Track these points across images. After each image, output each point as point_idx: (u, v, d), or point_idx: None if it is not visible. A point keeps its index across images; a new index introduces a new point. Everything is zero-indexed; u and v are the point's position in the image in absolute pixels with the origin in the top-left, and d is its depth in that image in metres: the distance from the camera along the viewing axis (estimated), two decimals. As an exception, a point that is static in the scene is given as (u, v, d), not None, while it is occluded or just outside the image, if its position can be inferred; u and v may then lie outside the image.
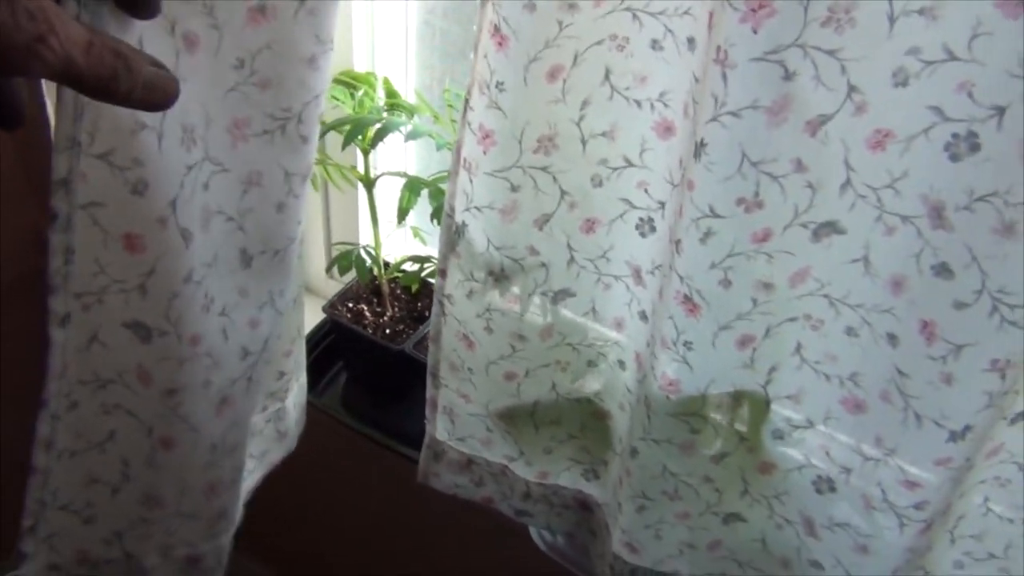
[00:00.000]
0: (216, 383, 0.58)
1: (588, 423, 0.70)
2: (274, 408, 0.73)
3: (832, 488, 0.59)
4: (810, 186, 0.48)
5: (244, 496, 0.73)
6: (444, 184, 0.64)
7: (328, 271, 1.04)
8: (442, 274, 0.64)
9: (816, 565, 0.63)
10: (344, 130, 0.75)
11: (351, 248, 0.84)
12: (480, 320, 0.65)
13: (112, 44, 0.36)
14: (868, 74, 0.44)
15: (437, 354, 0.69)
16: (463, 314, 0.65)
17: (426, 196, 0.77)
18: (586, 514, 0.76)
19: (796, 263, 0.51)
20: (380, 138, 0.76)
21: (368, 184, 0.81)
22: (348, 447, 0.92)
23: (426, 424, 0.74)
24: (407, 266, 0.87)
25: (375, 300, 0.89)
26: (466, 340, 0.66)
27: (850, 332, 0.53)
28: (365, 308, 0.88)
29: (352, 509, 1.11)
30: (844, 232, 0.50)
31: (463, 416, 0.72)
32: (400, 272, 0.88)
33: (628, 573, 0.70)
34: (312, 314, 0.91)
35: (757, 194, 0.48)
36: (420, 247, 0.93)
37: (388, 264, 0.88)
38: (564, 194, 0.58)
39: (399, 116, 0.77)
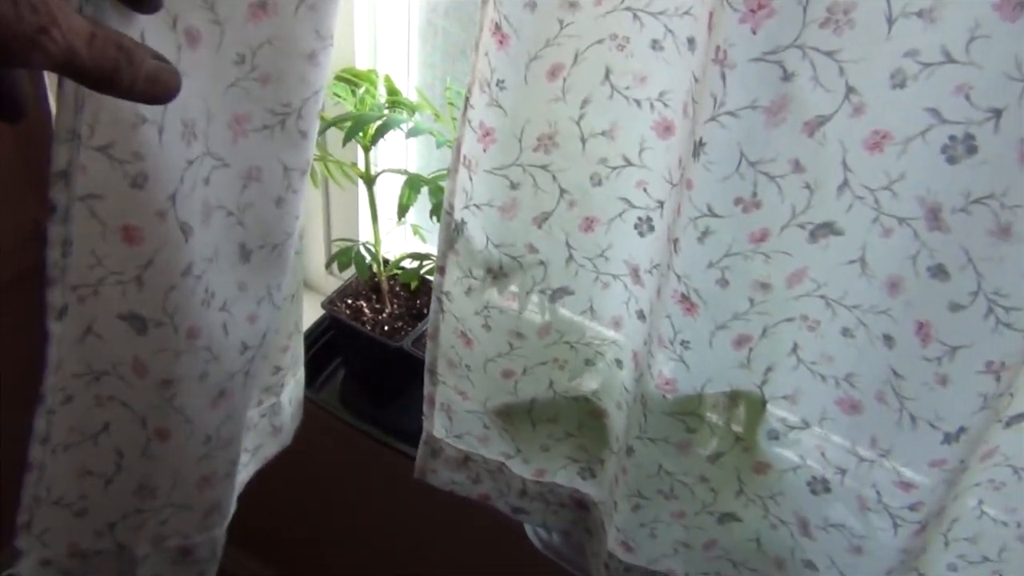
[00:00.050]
0: (214, 376, 0.58)
1: (585, 421, 0.71)
2: (269, 403, 0.74)
3: (827, 489, 0.59)
4: (808, 187, 0.48)
5: (238, 489, 0.73)
6: (444, 182, 0.64)
7: (328, 267, 1.04)
8: (441, 271, 0.64)
9: (810, 566, 0.63)
10: (345, 126, 0.75)
11: (351, 244, 0.84)
12: (478, 317, 0.65)
13: (114, 36, 0.36)
14: (866, 75, 0.44)
15: (435, 351, 0.69)
16: (461, 311, 0.65)
17: (426, 193, 0.77)
18: (582, 513, 0.77)
19: (793, 263, 0.52)
20: (381, 135, 0.77)
21: (368, 181, 0.82)
22: (346, 443, 0.93)
23: (423, 421, 0.74)
24: (406, 263, 0.87)
25: (374, 297, 0.90)
26: (464, 337, 0.67)
27: (846, 333, 0.53)
28: (364, 305, 0.89)
29: (349, 505, 1.12)
30: (841, 233, 0.50)
31: (460, 413, 0.72)
32: (399, 269, 0.88)
33: (623, 571, 0.70)
34: (311, 310, 0.91)
35: (755, 194, 0.49)
36: (420, 244, 0.93)
37: (388, 261, 0.88)
38: (563, 192, 0.59)
39: (400, 113, 0.77)
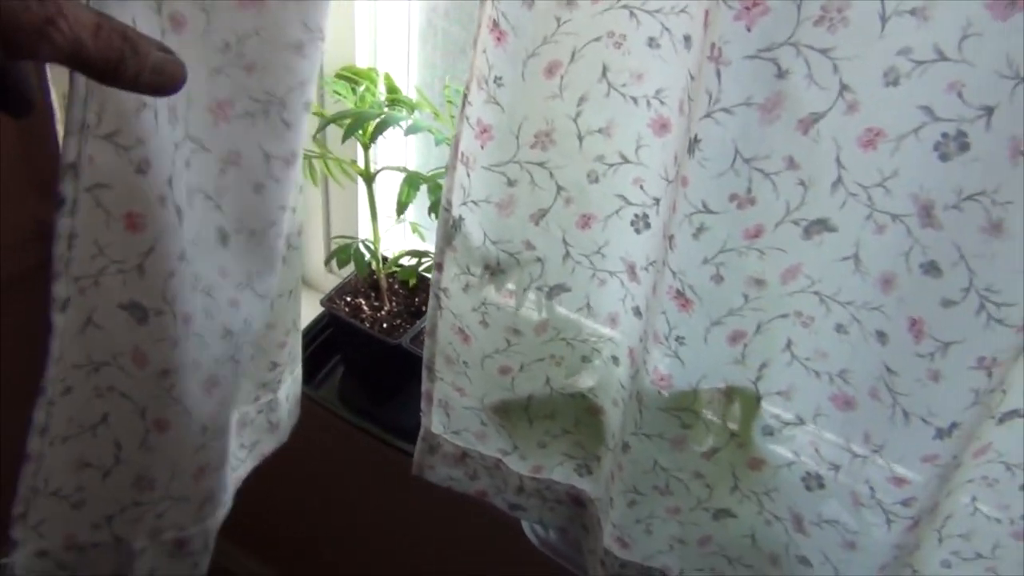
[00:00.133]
0: (204, 363, 0.58)
1: (582, 418, 0.71)
2: (266, 399, 0.74)
3: (821, 485, 0.60)
4: (802, 183, 0.49)
5: (235, 486, 0.73)
6: (443, 179, 0.65)
7: (327, 264, 1.04)
8: (438, 268, 0.64)
9: (804, 561, 0.64)
10: (345, 124, 0.75)
11: (350, 242, 0.85)
12: (476, 314, 0.65)
13: (120, 28, 0.36)
14: (860, 73, 0.44)
15: (433, 347, 0.69)
16: (459, 308, 0.66)
17: (425, 192, 0.78)
18: (579, 509, 0.77)
19: (787, 260, 0.52)
20: (380, 132, 0.77)
21: (368, 178, 0.82)
22: (344, 440, 0.93)
23: (421, 417, 0.74)
24: (405, 260, 0.87)
25: (373, 294, 0.90)
26: (462, 334, 0.67)
27: (840, 329, 0.53)
28: (363, 302, 0.89)
29: (347, 502, 1.12)
30: (835, 230, 0.50)
31: (458, 409, 0.72)
32: (398, 267, 0.88)
33: (618, 567, 0.70)
34: (310, 307, 0.91)
35: (750, 191, 0.49)
36: (418, 242, 0.94)
37: (387, 258, 0.88)
38: (560, 189, 0.59)
39: (399, 111, 0.77)
